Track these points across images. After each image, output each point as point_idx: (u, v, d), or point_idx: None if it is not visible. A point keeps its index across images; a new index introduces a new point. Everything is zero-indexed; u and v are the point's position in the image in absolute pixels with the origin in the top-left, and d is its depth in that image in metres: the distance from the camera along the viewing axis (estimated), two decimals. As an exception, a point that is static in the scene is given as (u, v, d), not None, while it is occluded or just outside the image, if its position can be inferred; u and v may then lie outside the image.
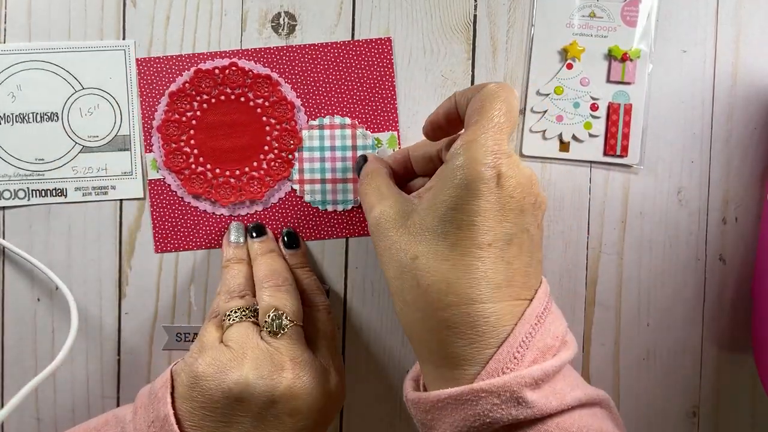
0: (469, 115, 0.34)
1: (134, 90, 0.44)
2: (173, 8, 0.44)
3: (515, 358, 0.31)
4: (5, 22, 0.43)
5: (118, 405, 0.45)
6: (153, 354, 0.45)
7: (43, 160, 0.44)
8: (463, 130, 0.34)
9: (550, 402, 0.31)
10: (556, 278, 0.45)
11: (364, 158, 0.41)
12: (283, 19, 0.44)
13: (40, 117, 0.44)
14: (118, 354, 0.45)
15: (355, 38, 0.44)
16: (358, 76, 0.44)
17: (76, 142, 0.44)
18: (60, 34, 0.43)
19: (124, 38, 0.44)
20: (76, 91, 0.44)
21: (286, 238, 0.44)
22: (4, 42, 0.43)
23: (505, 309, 0.32)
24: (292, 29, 0.44)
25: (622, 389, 0.46)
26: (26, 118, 0.43)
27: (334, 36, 0.44)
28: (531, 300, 0.33)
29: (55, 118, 0.44)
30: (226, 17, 0.44)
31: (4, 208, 0.44)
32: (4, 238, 0.44)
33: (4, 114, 0.43)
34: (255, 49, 0.44)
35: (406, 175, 0.42)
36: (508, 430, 0.31)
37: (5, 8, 0.43)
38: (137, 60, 0.44)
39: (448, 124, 0.37)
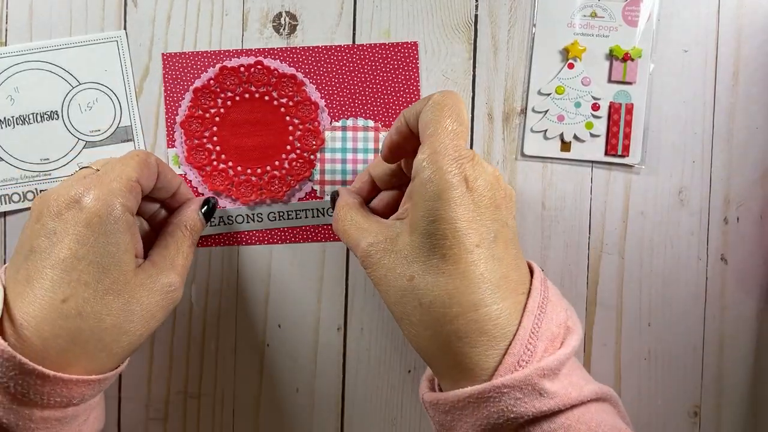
0: (423, 128, 0.34)
1: (131, 80, 0.44)
2: (174, 8, 0.44)
3: (528, 350, 0.31)
4: (6, 23, 0.43)
5: (119, 404, 0.45)
6: (154, 353, 0.45)
7: (48, 159, 0.44)
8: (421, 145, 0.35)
9: (569, 393, 0.31)
10: (558, 278, 0.45)
11: (338, 193, 0.41)
12: (284, 19, 0.44)
13: (41, 117, 0.44)
14: (119, 354, 0.45)
15: (356, 38, 0.44)
16: (383, 79, 0.44)
17: (79, 138, 0.44)
18: (61, 34, 0.43)
19: (126, 39, 0.44)
20: (73, 87, 0.43)
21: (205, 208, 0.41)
22: (6, 43, 0.43)
23: (509, 306, 0.32)
24: (293, 29, 0.44)
25: (623, 389, 0.46)
26: (27, 119, 0.43)
27: (335, 36, 0.44)
28: (529, 291, 0.33)
29: (56, 116, 0.44)
30: (227, 17, 0.44)
31: (15, 211, 0.44)
32: (5, 239, 0.44)
33: (5, 117, 0.43)
34: (281, 48, 0.44)
35: (372, 194, 0.42)
36: (530, 424, 0.31)
37: (6, 8, 0.43)
38: (163, 55, 0.44)
39: (404, 142, 0.37)
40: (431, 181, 0.32)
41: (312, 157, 0.44)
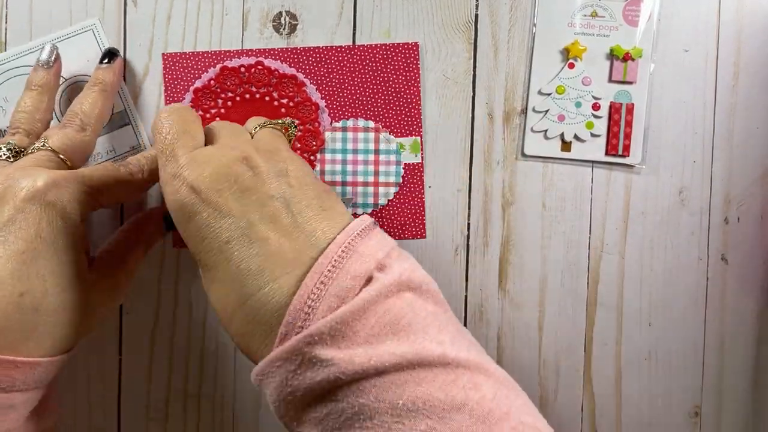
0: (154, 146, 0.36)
1: None
2: (174, 8, 0.44)
3: (306, 314, 0.28)
4: (6, 23, 0.43)
5: (119, 405, 0.45)
6: (154, 353, 0.45)
7: None
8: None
9: (353, 357, 0.27)
10: (558, 278, 0.45)
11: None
12: (284, 19, 0.44)
13: (35, 121, 0.43)
14: (120, 354, 0.45)
15: (357, 38, 0.44)
16: (383, 80, 0.44)
17: None
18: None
19: (125, 38, 0.44)
20: (59, 85, 0.43)
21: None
22: (6, 47, 0.43)
23: (282, 283, 0.29)
24: (293, 29, 0.44)
25: (623, 389, 0.46)
26: None
27: (335, 36, 0.44)
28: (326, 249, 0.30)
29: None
30: (227, 17, 0.44)
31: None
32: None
33: (2, 130, 0.43)
34: (281, 48, 0.44)
35: None
36: (328, 395, 0.28)
37: (6, 9, 0.43)
38: (163, 55, 0.43)
39: None
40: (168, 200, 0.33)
41: (312, 157, 0.44)
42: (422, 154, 0.44)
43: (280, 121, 0.38)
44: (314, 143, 0.44)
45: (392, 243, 0.32)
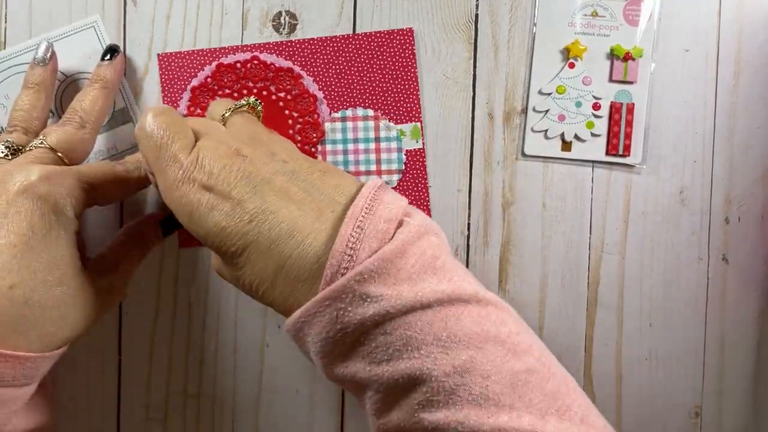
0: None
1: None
2: (174, 7, 0.44)
3: (349, 256, 0.30)
4: (6, 22, 0.43)
5: (118, 405, 0.45)
6: (154, 353, 0.45)
7: None
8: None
9: (400, 293, 0.30)
10: (558, 278, 0.45)
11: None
12: (284, 18, 0.44)
13: (37, 119, 0.43)
14: (119, 354, 0.45)
15: (357, 37, 0.44)
16: (380, 68, 0.44)
17: None
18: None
19: (124, 38, 0.44)
20: (60, 83, 0.43)
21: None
22: (5, 46, 0.43)
23: (316, 239, 0.31)
24: (293, 28, 0.44)
25: (624, 389, 0.46)
26: None
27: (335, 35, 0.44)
28: (350, 202, 0.33)
29: (51, 115, 0.43)
30: (227, 16, 0.44)
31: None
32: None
33: (3, 128, 0.43)
34: (276, 42, 0.44)
35: None
36: (376, 329, 0.30)
37: (5, 8, 0.43)
38: (159, 56, 0.43)
39: None
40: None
41: (313, 149, 0.44)
42: (423, 139, 0.44)
43: (244, 102, 0.38)
44: (314, 135, 0.44)
45: (406, 199, 0.35)
